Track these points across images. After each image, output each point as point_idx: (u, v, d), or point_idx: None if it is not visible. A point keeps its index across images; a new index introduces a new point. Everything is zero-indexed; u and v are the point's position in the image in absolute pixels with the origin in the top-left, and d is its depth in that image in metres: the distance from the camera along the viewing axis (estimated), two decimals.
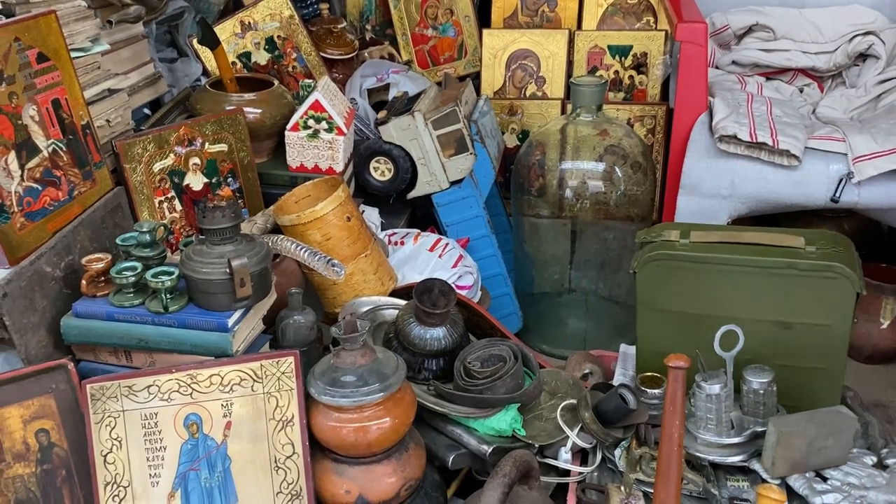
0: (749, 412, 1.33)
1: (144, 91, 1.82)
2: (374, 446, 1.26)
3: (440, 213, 1.99)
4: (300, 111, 1.80)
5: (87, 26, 1.54)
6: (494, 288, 2.06)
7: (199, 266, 1.27)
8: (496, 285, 2.07)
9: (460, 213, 1.98)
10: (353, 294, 1.61)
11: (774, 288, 1.31)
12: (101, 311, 1.30)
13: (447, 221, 1.99)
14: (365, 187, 1.98)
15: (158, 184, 1.62)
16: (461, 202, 1.97)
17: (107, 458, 1.25)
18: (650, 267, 1.37)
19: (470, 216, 1.99)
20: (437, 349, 1.44)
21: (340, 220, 1.57)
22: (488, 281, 2.04)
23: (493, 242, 2.02)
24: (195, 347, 1.29)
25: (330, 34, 2.34)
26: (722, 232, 1.37)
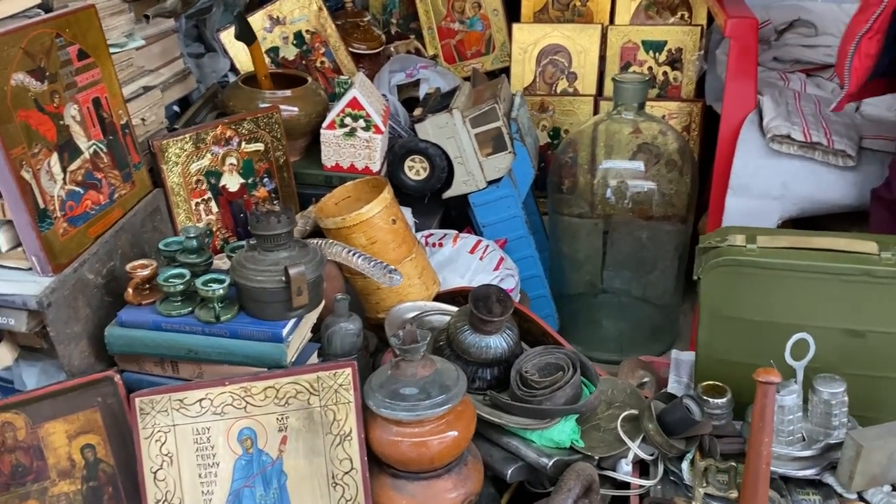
0: (818, 423, 1.28)
1: (175, 88, 1.76)
2: (436, 461, 1.21)
3: (477, 213, 1.94)
4: (336, 109, 1.74)
5: (122, 21, 1.48)
6: (532, 290, 2.02)
7: (253, 274, 1.21)
8: (533, 287, 2.02)
9: (498, 214, 1.93)
10: (397, 299, 1.56)
11: (847, 295, 1.27)
12: (148, 319, 1.25)
13: (484, 222, 1.94)
14: (399, 187, 1.93)
15: (195, 185, 1.57)
16: (499, 202, 1.92)
17: (157, 475, 1.19)
18: (716, 273, 1.32)
19: (507, 216, 1.93)
20: (492, 358, 1.39)
21: (386, 222, 1.52)
22: (525, 283, 1.99)
23: (531, 243, 1.97)
24: (247, 358, 1.23)
25: (357, 28, 2.29)
26: (789, 237, 1.32)
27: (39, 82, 1.18)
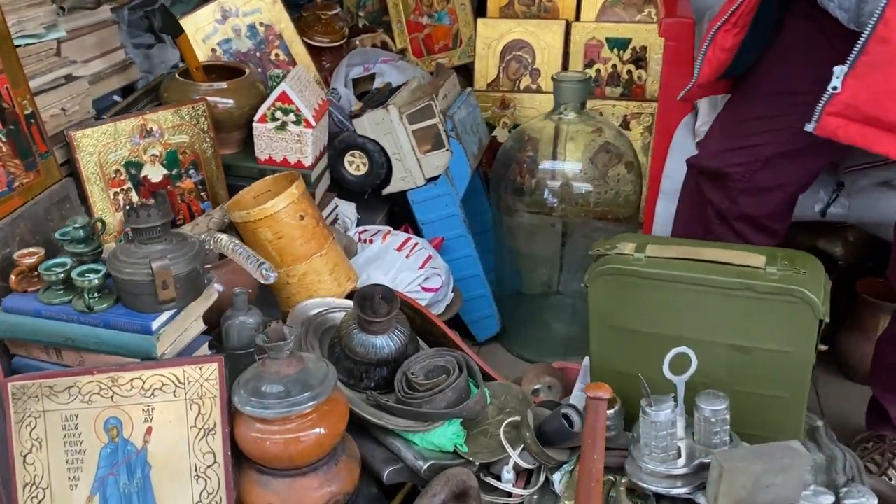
0: (701, 441, 1.24)
1: (113, 78, 1.79)
2: (297, 459, 1.21)
3: (416, 210, 1.92)
4: (267, 102, 1.75)
5: (41, 12, 1.51)
6: (471, 289, 2.00)
7: (124, 266, 1.23)
8: (473, 286, 2.00)
9: (436, 211, 1.92)
10: (306, 294, 1.57)
11: (731, 310, 1.22)
12: (30, 307, 1.27)
13: (423, 219, 1.93)
14: (340, 181, 1.93)
15: (114, 175, 1.59)
16: (437, 200, 1.91)
17: (26, 459, 1.22)
18: (601, 281, 1.29)
19: (446, 214, 1.92)
20: (379, 358, 1.38)
21: (293, 218, 1.52)
22: (465, 282, 1.98)
23: (470, 242, 1.95)
24: (120, 349, 1.25)
25: (319, 21, 2.29)
26: (680, 247, 1.28)
27: None
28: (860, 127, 1.23)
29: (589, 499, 1.01)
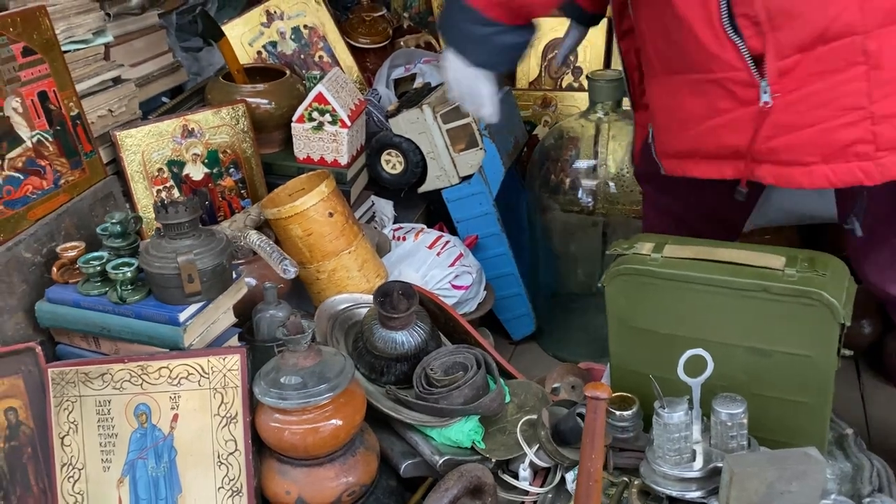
0: (717, 445, 1.22)
1: (161, 80, 1.87)
2: (314, 449, 1.25)
3: (450, 208, 1.95)
4: (304, 103, 1.80)
5: (90, 19, 1.59)
6: (506, 288, 2.01)
7: (153, 260, 1.29)
8: (508, 285, 2.01)
9: (470, 210, 1.93)
10: (335, 290, 1.60)
11: (748, 312, 1.20)
12: (70, 297, 1.35)
13: (457, 217, 1.95)
14: (377, 180, 1.97)
15: (157, 173, 1.67)
16: (471, 198, 1.92)
17: (64, 441, 1.30)
18: (618, 282, 1.28)
19: (480, 213, 1.93)
20: (399, 353, 1.40)
21: (322, 215, 1.56)
22: (499, 280, 1.99)
23: (504, 241, 1.96)
24: (151, 339, 1.31)
25: (363, 23, 2.33)
26: (698, 247, 1.26)
27: None
28: (672, 161, 1.33)
29: (588, 499, 1.01)
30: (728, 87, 1.17)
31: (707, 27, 1.14)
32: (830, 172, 1.12)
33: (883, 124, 1.08)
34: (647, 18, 1.28)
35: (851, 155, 1.10)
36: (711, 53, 1.15)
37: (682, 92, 1.25)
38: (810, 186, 1.14)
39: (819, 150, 1.12)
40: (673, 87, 1.27)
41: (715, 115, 1.20)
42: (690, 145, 1.27)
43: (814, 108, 1.11)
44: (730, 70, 1.15)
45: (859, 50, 1.06)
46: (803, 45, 1.09)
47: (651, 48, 1.30)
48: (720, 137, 1.21)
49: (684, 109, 1.25)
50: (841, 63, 1.07)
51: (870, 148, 1.09)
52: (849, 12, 1.05)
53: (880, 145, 1.09)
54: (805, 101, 1.11)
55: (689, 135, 1.26)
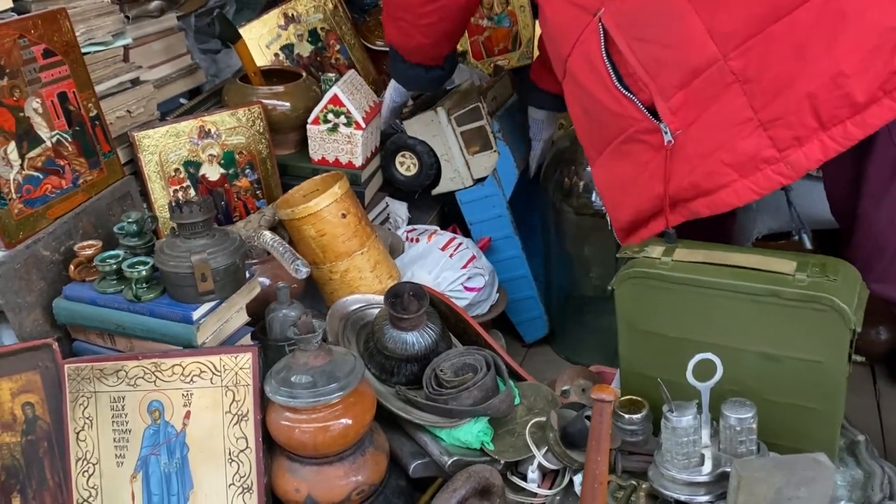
0: (726, 449, 1.22)
1: (179, 82, 1.89)
2: (323, 448, 1.26)
3: (464, 210, 1.95)
4: (320, 105, 1.81)
5: (109, 21, 1.62)
6: (519, 290, 2.01)
7: (168, 259, 1.31)
8: (521, 288, 2.01)
9: (484, 212, 1.94)
10: (348, 291, 1.62)
11: (759, 316, 1.19)
12: (87, 295, 1.37)
13: (471, 220, 1.96)
14: (391, 181, 1.98)
15: (174, 173, 1.69)
16: (484, 201, 1.93)
17: (79, 436, 1.32)
18: (628, 285, 1.28)
19: (493, 215, 1.94)
20: (409, 354, 1.42)
21: (335, 216, 1.57)
22: (512, 283, 1.99)
23: (517, 243, 1.97)
24: (164, 336, 1.33)
25: (379, 25, 2.34)
26: (708, 251, 1.26)
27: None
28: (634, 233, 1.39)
29: (594, 501, 1.01)
30: (641, 138, 1.27)
31: (606, 92, 1.27)
32: (752, 184, 1.18)
33: (773, 127, 1.15)
34: (573, 106, 1.42)
35: (761, 162, 1.17)
36: (617, 113, 1.28)
37: (613, 163, 1.36)
38: (740, 203, 1.20)
39: (732, 168, 1.18)
40: (606, 164, 1.38)
41: (642, 168, 1.29)
42: (635, 209, 1.35)
43: (711, 133, 1.19)
44: (635, 123, 1.26)
45: (727, 71, 1.16)
46: (680, 83, 1.19)
47: (582, 134, 1.43)
48: (652, 189, 1.29)
49: (620, 178, 1.35)
50: (718, 87, 1.17)
51: (773, 152, 1.16)
52: (705, 47, 1.16)
53: (780, 146, 1.15)
54: (702, 129, 1.20)
55: (630, 200, 1.35)
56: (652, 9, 1.20)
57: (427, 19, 1.52)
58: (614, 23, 1.23)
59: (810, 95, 1.11)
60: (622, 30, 1.23)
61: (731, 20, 1.14)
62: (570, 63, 1.34)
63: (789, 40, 1.11)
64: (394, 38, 1.68)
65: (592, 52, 1.27)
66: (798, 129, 1.13)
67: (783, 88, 1.12)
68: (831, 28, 1.10)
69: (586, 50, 1.29)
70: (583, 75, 1.32)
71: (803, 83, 1.11)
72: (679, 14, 1.17)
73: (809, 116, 1.12)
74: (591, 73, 1.29)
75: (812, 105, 1.11)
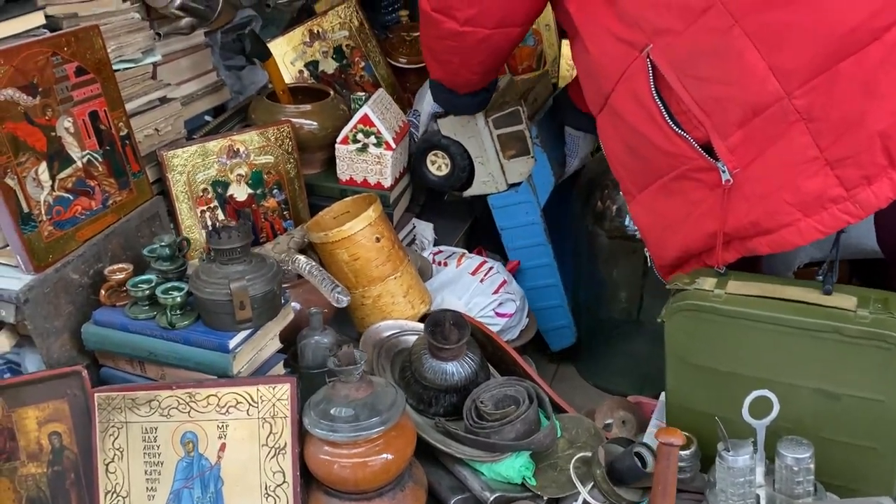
0: (782, 490, 1.18)
1: (206, 99, 1.86)
2: (363, 483, 1.22)
3: (496, 215, 1.87)
4: (350, 125, 1.78)
5: (140, 38, 1.58)
6: (548, 299, 1.93)
7: (204, 286, 1.27)
8: (550, 296, 1.94)
9: (516, 219, 1.86)
10: (380, 316, 1.58)
11: (818, 353, 1.16)
12: (118, 321, 1.33)
13: (502, 225, 1.88)
14: (422, 181, 1.90)
15: (201, 193, 1.65)
16: (517, 207, 1.85)
17: (108, 468, 1.27)
18: (679, 317, 1.25)
19: (526, 222, 1.86)
20: (449, 384, 1.38)
21: (369, 240, 1.54)
22: (542, 291, 1.92)
23: (549, 252, 1.89)
24: (199, 365, 1.29)
25: (403, 43, 2.31)
26: (763, 284, 1.22)
27: (31, 97, 1.29)
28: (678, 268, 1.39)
29: None
30: (693, 177, 1.24)
31: (656, 129, 1.23)
32: (817, 223, 1.15)
33: (840, 167, 1.12)
34: (612, 140, 1.38)
35: (827, 201, 1.14)
36: (668, 152, 1.24)
37: (658, 201, 1.32)
38: (804, 242, 1.16)
39: (796, 208, 1.16)
40: (650, 201, 1.35)
41: (693, 207, 1.26)
42: (683, 247, 1.32)
43: (774, 172, 1.16)
44: (688, 161, 1.22)
45: (791, 110, 1.12)
46: (740, 121, 1.16)
47: (621, 169, 1.40)
48: (704, 227, 1.26)
49: (666, 216, 1.32)
50: (780, 126, 1.14)
51: (840, 190, 1.13)
52: (767, 83, 1.12)
53: (848, 185, 1.13)
54: (763, 168, 1.17)
55: (678, 238, 1.32)
56: (706, 45, 1.16)
57: (477, 58, 1.47)
58: (665, 60, 1.19)
59: (882, 134, 1.08)
60: (674, 66, 1.19)
61: (796, 57, 1.10)
62: (614, 99, 1.31)
63: (858, 77, 1.08)
64: (440, 76, 1.62)
65: (640, 89, 1.23)
66: (868, 168, 1.10)
67: (852, 126, 1.09)
68: None
69: (633, 87, 1.25)
70: (629, 112, 1.28)
71: (874, 121, 1.08)
72: (738, 51, 1.13)
73: (880, 155, 1.09)
74: (639, 110, 1.25)
75: (883, 143, 1.09)
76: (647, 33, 1.21)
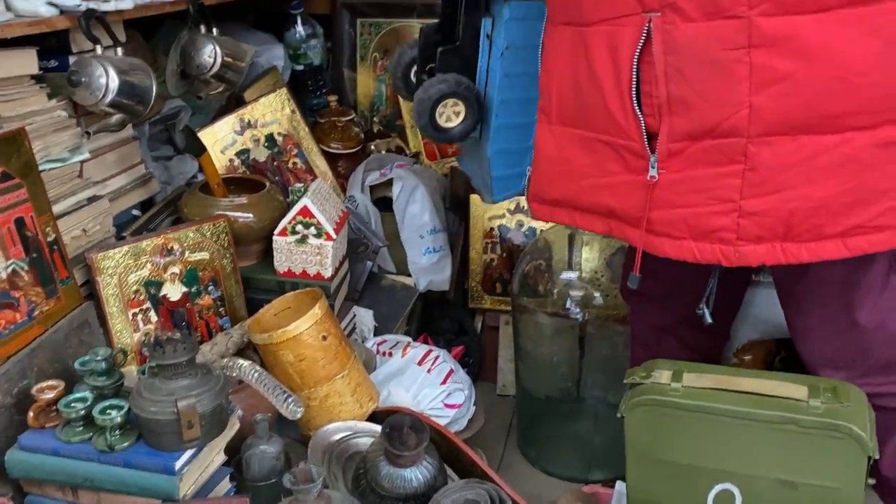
0: None
1: (134, 192, 1.79)
2: None
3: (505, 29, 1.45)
4: (288, 216, 1.74)
5: (67, 136, 1.52)
6: None
7: (147, 404, 1.19)
8: None
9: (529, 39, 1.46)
10: (327, 418, 1.52)
11: (775, 443, 1.18)
12: (48, 445, 1.23)
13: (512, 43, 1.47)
14: (446, 140, 1.56)
15: (133, 295, 1.57)
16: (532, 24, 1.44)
17: None
18: (639, 412, 1.25)
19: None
20: (408, 492, 1.33)
21: (316, 339, 1.49)
22: None
23: None
24: (142, 490, 1.20)
25: (335, 128, 2.31)
26: (718, 375, 1.24)
27: None
28: (544, 207, 1.40)
29: None
30: (620, 152, 1.24)
31: (616, 95, 1.21)
32: (696, 249, 1.20)
33: (748, 219, 1.16)
34: (561, 60, 1.31)
35: (716, 238, 1.19)
36: (614, 119, 1.22)
37: (572, 146, 1.31)
38: (675, 257, 1.22)
39: (689, 229, 1.20)
40: (564, 139, 1.33)
41: (601, 174, 1.27)
42: (568, 196, 1.34)
43: (692, 192, 1.19)
44: (626, 138, 1.22)
45: (741, 151, 1.15)
46: (694, 134, 1.17)
47: (556, 94, 1.33)
48: (598, 196, 1.29)
49: (571, 163, 1.31)
50: (723, 158, 1.16)
51: (732, 236, 1.18)
52: (739, 116, 1.13)
53: (742, 235, 1.17)
54: (685, 184, 1.19)
55: (570, 187, 1.33)
56: (709, 51, 1.12)
57: None
58: (662, 38, 1.14)
59: (792, 211, 1.13)
60: (667, 50, 1.14)
61: (776, 109, 1.10)
62: (590, 34, 1.22)
63: (810, 156, 1.11)
64: None
65: (622, 47, 1.17)
66: (766, 231, 1.15)
67: (778, 192, 1.13)
68: (847, 168, 1.12)
69: (616, 40, 1.18)
70: (598, 57, 1.21)
71: (793, 197, 1.13)
72: (735, 78, 1.11)
73: (781, 225, 1.14)
74: (609, 65, 1.19)
75: (789, 218, 1.13)
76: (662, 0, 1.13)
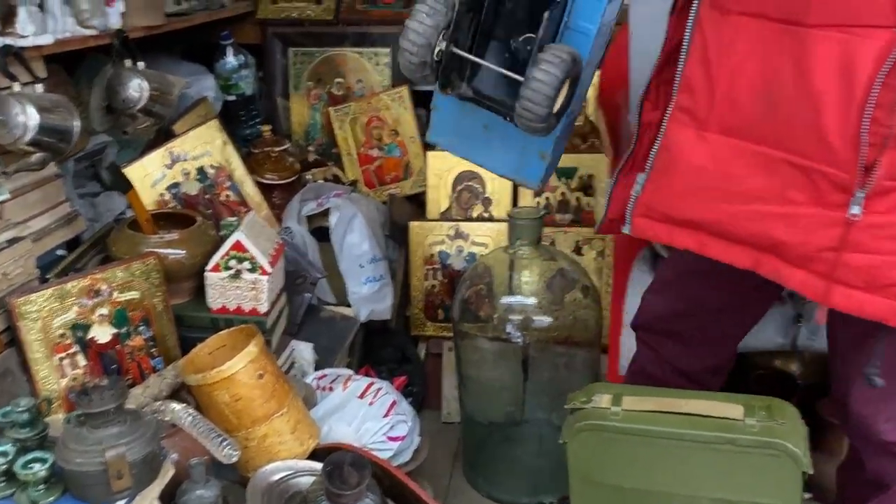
0: None
1: (59, 232, 1.71)
2: None
3: None
4: (221, 252, 1.71)
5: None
6: None
7: (73, 455, 1.14)
8: None
9: None
10: (266, 458, 1.48)
11: (714, 463, 1.20)
12: None
13: None
14: None
15: (59, 340, 1.51)
16: None
17: None
18: (581, 437, 1.26)
19: None
20: None
21: (252, 377, 1.45)
22: None
23: None
24: None
25: (268, 158, 2.29)
26: (657, 398, 1.26)
27: None
28: (662, 225, 1.21)
29: None
30: (815, 180, 1.06)
31: (839, 115, 1.01)
32: (866, 301, 1.06)
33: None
34: (736, 61, 1.09)
35: (891, 293, 1.05)
36: (826, 141, 1.03)
37: (739, 161, 1.10)
38: (842, 308, 1.08)
39: (866, 279, 1.06)
40: (725, 151, 1.11)
41: (777, 202, 1.08)
42: (711, 218, 1.14)
43: (888, 238, 1.05)
44: (832, 166, 1.04)
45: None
46: None
47: (722, 96, 1.10)
48: (763, 225, 1.10)
49: (733, 180, 1.11)
50: None
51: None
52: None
53: None
54: (885, 229, 1.05)
55: (721, 208, 1.13)
56: None
57: None
58: None
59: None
60: None
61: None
62: (812, 38, 1.02)
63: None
64: None
65: (862, 62, 0.99)
66: None
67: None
68: None
69: (852, 54, 1.00)
70: (820, 68, 1.02)
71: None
72: None
73: None
74: (836, 79, 1.01)
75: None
76: None
